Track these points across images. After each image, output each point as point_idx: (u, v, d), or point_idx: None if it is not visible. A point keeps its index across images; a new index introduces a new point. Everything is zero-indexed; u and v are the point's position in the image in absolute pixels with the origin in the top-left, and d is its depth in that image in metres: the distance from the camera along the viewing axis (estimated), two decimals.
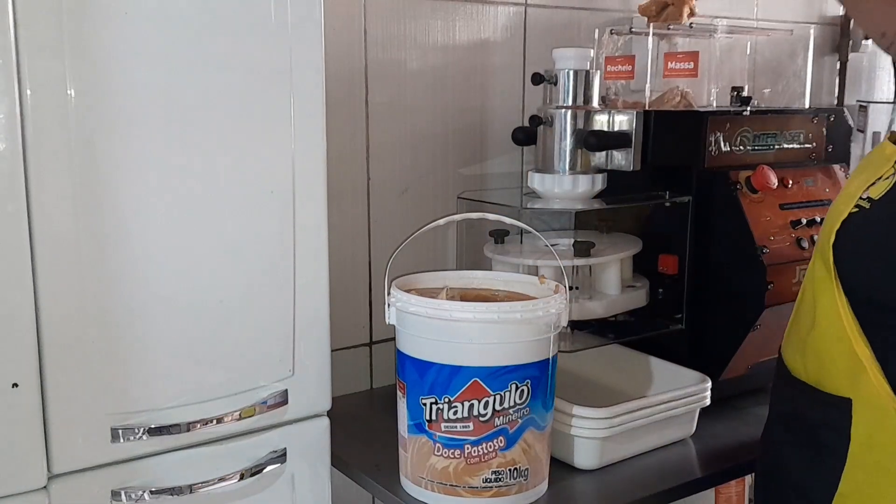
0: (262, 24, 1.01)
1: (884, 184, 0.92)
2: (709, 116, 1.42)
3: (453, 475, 1.08)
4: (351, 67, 1.45)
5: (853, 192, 0.95)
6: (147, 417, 1.00)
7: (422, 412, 1.08)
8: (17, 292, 0.90)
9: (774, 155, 1.50)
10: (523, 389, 1.07)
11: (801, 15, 2.11)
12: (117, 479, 1.00)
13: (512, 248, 1.47)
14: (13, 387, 0.91)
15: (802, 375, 0.99)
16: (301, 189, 1.07)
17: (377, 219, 1.52)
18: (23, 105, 0.88)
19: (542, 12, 1.65)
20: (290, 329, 1.10)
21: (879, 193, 0.92)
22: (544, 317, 1.08)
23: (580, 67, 1.42)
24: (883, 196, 0.91)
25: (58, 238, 0.92)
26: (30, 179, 0.89)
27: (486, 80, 1.60)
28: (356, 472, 1.24)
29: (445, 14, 1.53)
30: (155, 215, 0.98)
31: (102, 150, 0.93)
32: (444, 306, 1.07)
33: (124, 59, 0.93)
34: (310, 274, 1.10)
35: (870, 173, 0.95)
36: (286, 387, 1.10)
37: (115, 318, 0.97)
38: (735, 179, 1.39)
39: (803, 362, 0.99)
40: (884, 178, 0.92)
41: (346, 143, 1.46)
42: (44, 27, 0.88)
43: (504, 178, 1.64)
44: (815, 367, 0.96)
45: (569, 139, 1.42)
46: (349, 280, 1.49)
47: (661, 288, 1.47)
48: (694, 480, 1.23)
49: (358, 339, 1.53)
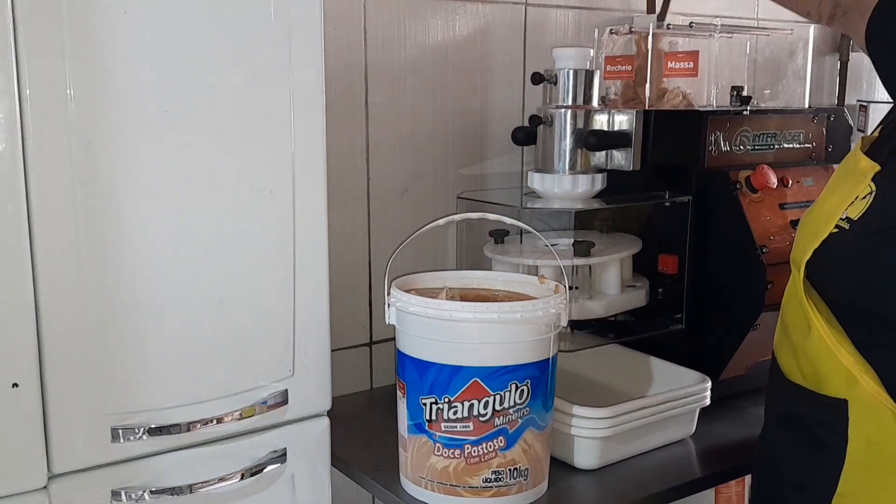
0: (262, 24, 1.01)
1: (861, 204, 0.91)
2: (709, 116, 1.42)
3: (453, 475, 1.08)
4: (351, 67, 1.45)
5: (832, 209, 0.95)
6: (147, 417, 1.00)
7: (422, 412, 1.08)
8: (17, 292, 0.90)
9: (774, 155, 1.50)
10: (523, 389, 1.07)
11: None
12: (117, 479, 1.00)
13: (512, 248, 1.48)
14: (13, 387, 0.91)
15: (798, 379, 0.99)
16: (301, 189, 1.07)
17: (377, 219, 1.52)
18: (23, 105, 0.88)
19: (542, 12, 1.65)
20: (290, 329, 1.10)
21: (858, 213, 0.92)
22: (544, 317, 1.08)
23: (580, 67, 1.42)
24: (862, 216, 0.91)
25: (58, 238, 0.92)
26: (30, 179, 0.89)
27: (486, 79, 1.60)
28: (356, 472, 1.24)
29: (445, 14, 1.53)
30: (154, 215, 0.98)
31: (102, 150, 0.93)
32: (444, 306, 1.07)
33: (124, 59, 0.93)
34: (310, 274, 1.10)
35: (847, 190, 0.94)
36: (286, 387, 1.10)
37: (115, 319, 0.97)
38: (735, 179, 1.39)
39: (798, 366, 0.99)
40: (861, 197, 0.92)
41: (346, 143, 1.46)
42: (44, 27, 0.88)
43: (504, 178, 1.64)
44: (810, 371, 0.96)
45: (569, 139, 1.42)
46: (349, 280, 1.49)
47: (661, 288, 1.47)
48: (694, 480, 1.23)
49: (358, 339, 1.53)
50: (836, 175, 1.02)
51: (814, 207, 1.02)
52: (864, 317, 0.91)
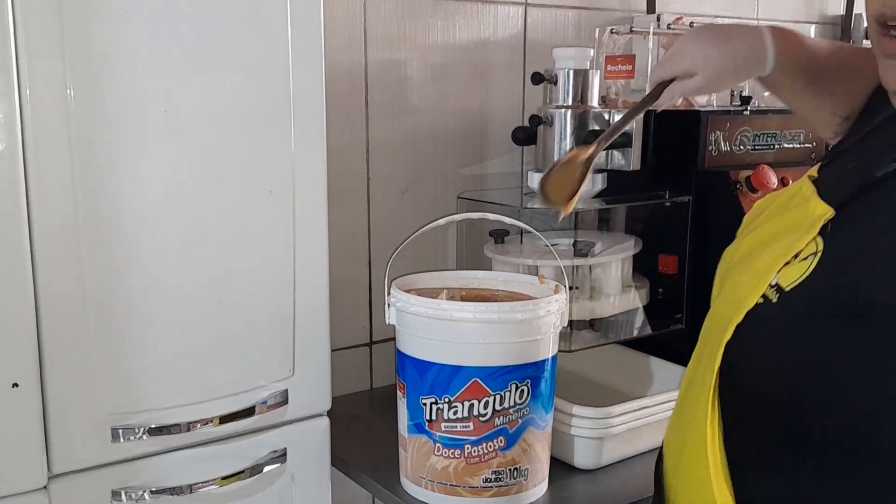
0: (262, 24, 1.01)
1: (799, 268, 0.68)
2: (709, 116, 1.42)
3: (453, 475, 1.08)
4: (351, 67, 1.45)
5: (763, 268, 0.72)
6: (147, 417, 1.00)
7: (422, 412, 1.08)
8: (17, 292, 0.90)
9: (774, 155, 1.50)
10: (523, 389, 1.07)
11: (801, 14, 2.11)
12: (117, 479, 1.00)
13: (512, 248, 1.47)
14: (13, 387, 0.91)
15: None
16: (301, 189, 1.07)
17: (377, 218, 1.52)
18: (23, 105, 0.88)
19: (542, 12, 1.65)
20: (290, 329, 1.10)
21: (792, 282, 0.68)
22: (544, 317, 1.08)
23: (580, 67, 1.42)
24: (796, 287, 0.68)
25: (58, 238, 0.92)
26: (30, 179, 0.89)
27: (486, 79, 1.60)
28: (356, 472, 1.23)
29: (445, 14, 1.53)
30: (154, 215, 0.98)
31: (102, 149, 0.93)
32: (444, 306, 1.07)
33: (124, 59, 0.93)
34: (310, 274, 1.10)
35: (789, 242, 0.71)
36: (286, 387, 1.10)
37: (116, 319, 0.97)
38: (735, 179, 1.39)
39: (675, 486, 0.79)
40: (801, 257, 0.69)
41: (346, 143, 1.46)
42: (44, 27, 0.88)
43: (504, 178, 1.64)
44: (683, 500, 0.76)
45: (569, 139, 1.42)
46: (349, 280, 1.49)
47: (661, 288, 1.47)
48: None
49: (358, 339, 1.53)
50: (785, 216, 0.77)
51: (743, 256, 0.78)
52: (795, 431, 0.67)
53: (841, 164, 0.78)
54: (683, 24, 1.60)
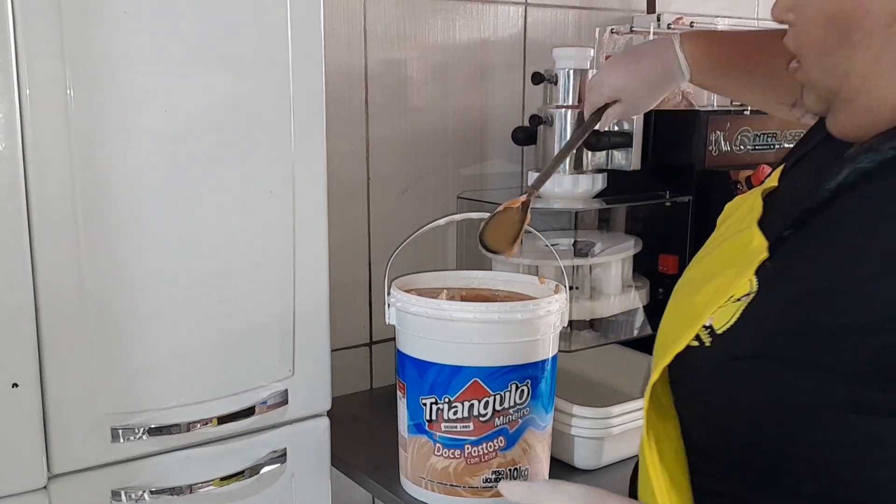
0: (261, 24, 1.01)
1: (731, 309, 0.65)
2: (709, 116, 1.42)
3: (453, 475, 1.08)
4: (351, 67, 1.45)
5: (701, 306, 0.68)
6: (147, 417, 1.00)
7: (422, 412, 1.08)
8: (17, 292, 0.90)
9: (774, 154, 1.50)
10: (523, 389, 1.07)
11: None
12: (117, 479, 1.00)
13: None
14: (13, 387, 0.91)
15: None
16: (301, 189, 1.07)
17: (377, 218, 1.52)
18: (23, 105, 0.88)
19: (542, 12, 1.65)
20: (290, 329, 1.10)
21: (723, 325, 0.65)
22: (544, 317, 1.07)
23: (580, 67, 1.41)
24: (727, 330, 0.65)
25: (57, 238, 0.92)
26: (30, 179, 0.89)
27: (486, 79, 1.60)
28: (356, 472, 1.23)
29: (445, 13, 1.53)
30: (154, 215, 0.98)
31: (102, 150, 0.93)
32: (444, 306, 1.07)
33: (124, 59, 0.93)
34: (310, 274, 1.10)
35: (727, 280, 0.67)
36: (286, 387, 1.10)
37: (115, 319, 0.97)
38: (735, 179, 1.39)
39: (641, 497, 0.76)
40: (735, 298, 0.65)
41: (346, 143, 1.46)
42: (44, 27, 0.88)
43: (504, 178, 1.64)
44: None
45: (569, 139, 1.42)
46: (349, 280, 1.49)
47: (661, 288, 1.47)
48: None
49: (358, 339, 1.53)
50: (731, 242, 0.73)
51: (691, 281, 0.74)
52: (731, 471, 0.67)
53: (797, 175, 0.74)
54: (683, 24, 1.60)
